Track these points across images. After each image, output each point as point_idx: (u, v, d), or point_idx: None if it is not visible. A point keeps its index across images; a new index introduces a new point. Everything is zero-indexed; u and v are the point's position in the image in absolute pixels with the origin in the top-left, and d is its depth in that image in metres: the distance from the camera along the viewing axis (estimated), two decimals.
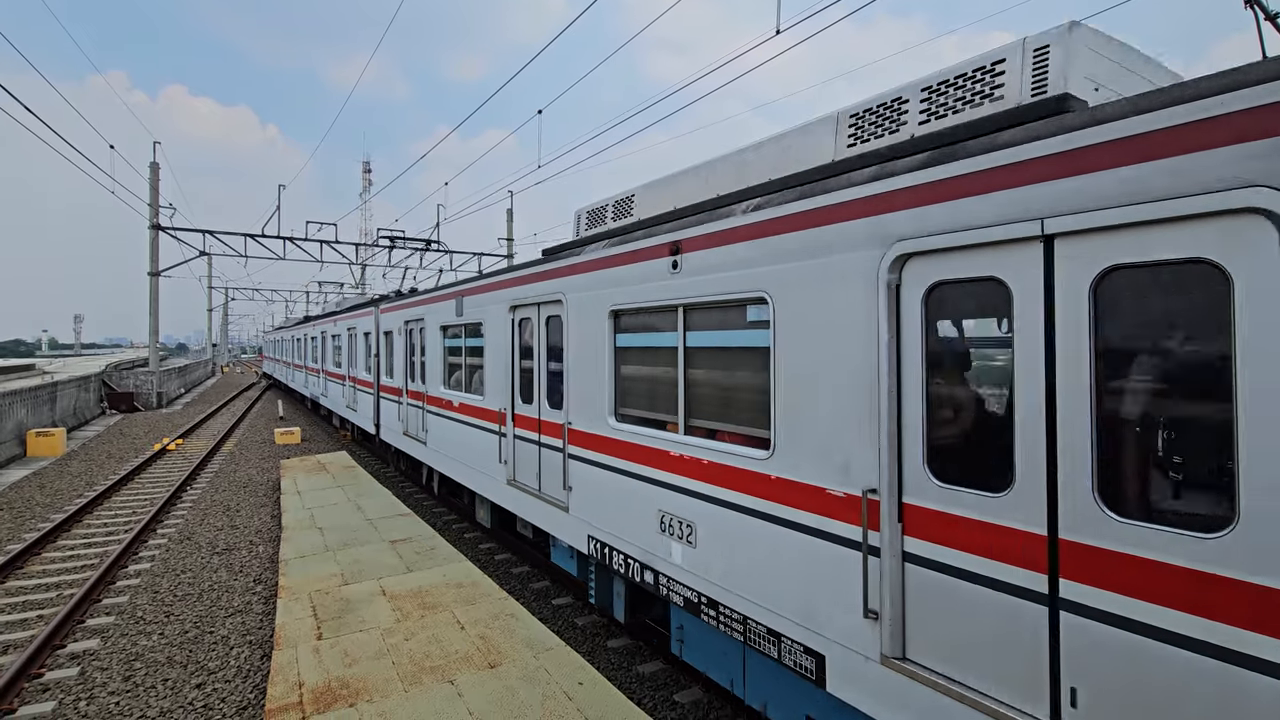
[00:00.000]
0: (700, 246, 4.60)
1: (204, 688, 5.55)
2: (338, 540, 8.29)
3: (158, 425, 22.77)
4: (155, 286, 28.01)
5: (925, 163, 3.22)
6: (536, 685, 4.69)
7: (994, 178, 2.90)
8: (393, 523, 9.10)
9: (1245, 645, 2.19)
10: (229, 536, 9.80)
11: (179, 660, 6.01)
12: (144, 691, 5.50)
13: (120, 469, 14.78)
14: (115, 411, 26.97)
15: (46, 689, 5.53)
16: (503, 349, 7.69)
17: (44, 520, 10.58)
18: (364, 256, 33.97)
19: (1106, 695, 2.52)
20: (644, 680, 5.81)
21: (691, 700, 5.47)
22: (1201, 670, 2.28)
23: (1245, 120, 2.20)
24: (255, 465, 15.51)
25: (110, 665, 5.92)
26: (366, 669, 4.95)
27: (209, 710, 5.22)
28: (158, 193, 28.01)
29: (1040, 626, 2.71)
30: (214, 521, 10.63)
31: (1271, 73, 2.17)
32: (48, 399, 20.43)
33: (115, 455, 16.78)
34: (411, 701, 4.49)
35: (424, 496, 12.75)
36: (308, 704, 4.47)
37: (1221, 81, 2.29)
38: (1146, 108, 2.45)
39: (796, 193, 3.92)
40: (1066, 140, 2.65)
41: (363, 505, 10.11)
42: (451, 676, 4.82)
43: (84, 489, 12.83)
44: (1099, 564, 2.55)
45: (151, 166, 28.46)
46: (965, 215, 2.99)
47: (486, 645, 5.32)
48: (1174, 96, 2.39)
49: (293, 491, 11.17)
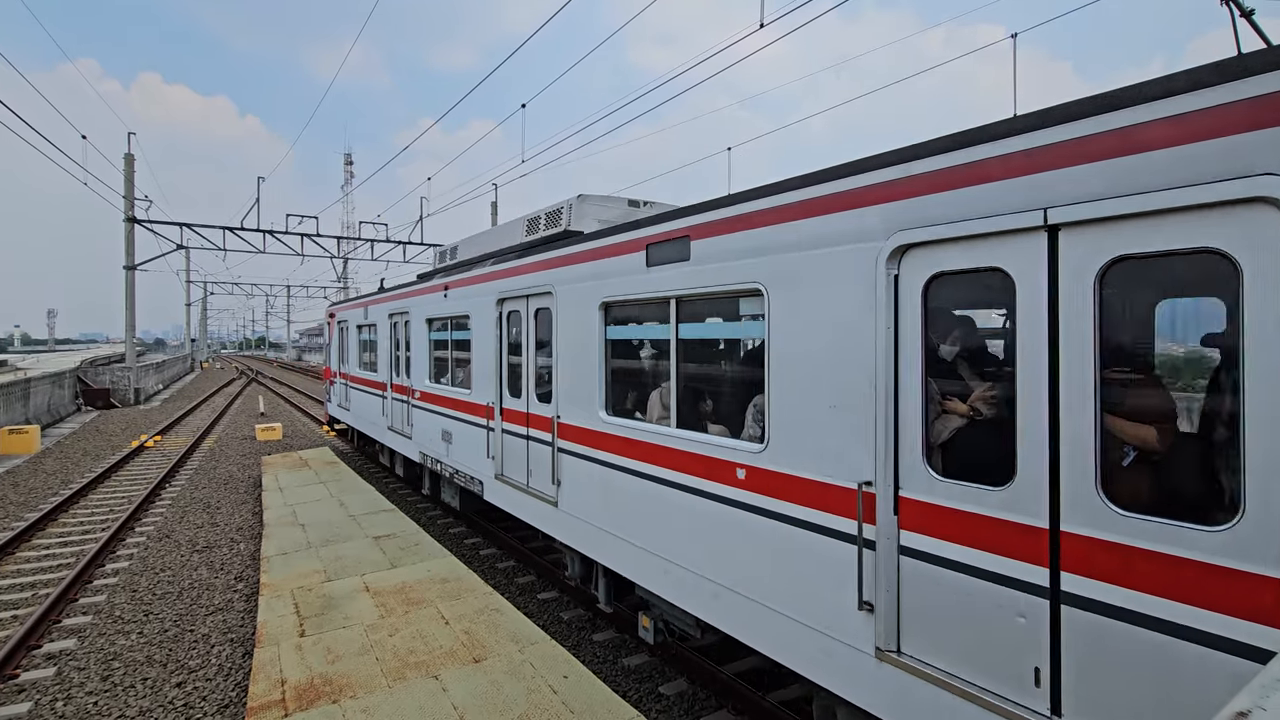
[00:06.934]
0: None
1: (184, 686, 5.49)
2: (320, 536, 8.22)
3: (135, 422, 22.38)
4: (131, 281, 27.46)
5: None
6: (521, 679, 4.69)
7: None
8: (376, 518, 9.04)
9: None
10: (209, 534, 9.68)
11: (158, 659, 5.94)
12: (123, 691, 5.42)
13: (97, 466, 14.52)
14: (91, 408, 26.45)
15: (22, 689, 5.44)
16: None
17: (18, 519, 10.37)
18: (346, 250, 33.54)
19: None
20: (629, 673, 5.84)
21: (676, 692, 5.51)
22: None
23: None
24: (236, 462, 15.31)
25: (88, 665, 5.83)
26: (350, 665, 4.92)
27: (190, 709, 5.17)
28: (133, 185, 27.42)
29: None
30: (194, 519, 10.48)
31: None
32: (20, 396, 20.00)
33: (91, 453, 16.48)
34: (395, 697, 4.47)
35: (408, 492, 12.68)
36: (290, 701, 4.44)
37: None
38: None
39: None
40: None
41: (346, 501, 10.03)
42: (436, 672, 4.81)
43: (59, 487, 12.59)
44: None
45: (126, 158, 27.84)
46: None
47: (471, 640, 5.31)
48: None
49: (274, 488, 11.06)
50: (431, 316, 9.73)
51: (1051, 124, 2.68)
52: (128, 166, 27.79)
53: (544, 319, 6.61)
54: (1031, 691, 2.72)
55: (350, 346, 14.86)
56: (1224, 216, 2.23)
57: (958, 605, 3.00)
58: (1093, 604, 2.56)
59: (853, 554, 3.41)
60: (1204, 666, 2.28)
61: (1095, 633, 2.55)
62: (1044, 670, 2.69)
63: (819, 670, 3.64)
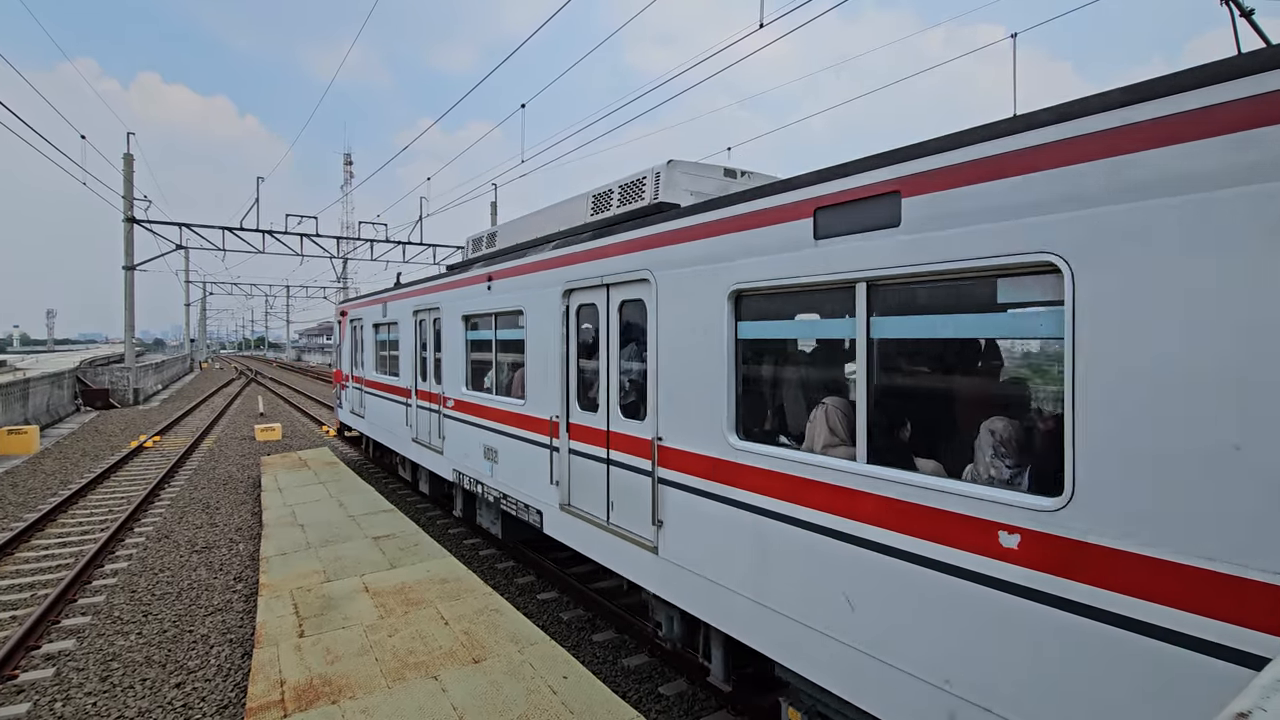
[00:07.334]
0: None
1: (183, 687, 5.48)
2: (320, 537, 8.21)
3: (134, 422, 22.37)
4: (130, 281, 27.45)
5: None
6: (521, 680, 4.69)
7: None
8: (375, 519, 9.03)
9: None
10: (208, 534, 9.67)
11: (157, 660, 5.93)
12: (122, 692, 5.42)
13: (96, 467, 14.51)
14: (90, 409, 26.44)
15: (21, 690, 5.44)
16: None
17: (16, 519, 10.36)
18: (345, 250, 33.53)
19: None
20: (629, 673, 5.84)
21: (676, 692, 5.51)
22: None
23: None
24: (235, 462, 15.30)
25: (87, 666, 5.82)
26: (349, 666, 4.92)
27: (189, 709, 5.16)
28: (132, 185, 27.41)
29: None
30: (193, 519, 10.48)
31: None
32: (19, 396, 19.99)
33: (90, 453, 16.46)
34: (395, 698, 4.47)
35: (407, 492, 12.67)
36: (289, 702, 4.44)
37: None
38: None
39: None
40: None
41: (345, 501, 10.02)
42: (435, 672, 4.81)
43: (58, 487, 12.58)
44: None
45: (125, 158, 27.83)
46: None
47: (471, 641, 5.31)
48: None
49: (274, 488, 11.05)
50: (470, 313, 8.43)
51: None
52: (127, 166, 27.77)
53: (633, 313, 5.39)
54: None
55: (366, 347, 13.42)
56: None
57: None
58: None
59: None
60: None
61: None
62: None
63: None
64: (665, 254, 4.87)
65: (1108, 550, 2.50)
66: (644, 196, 5.82)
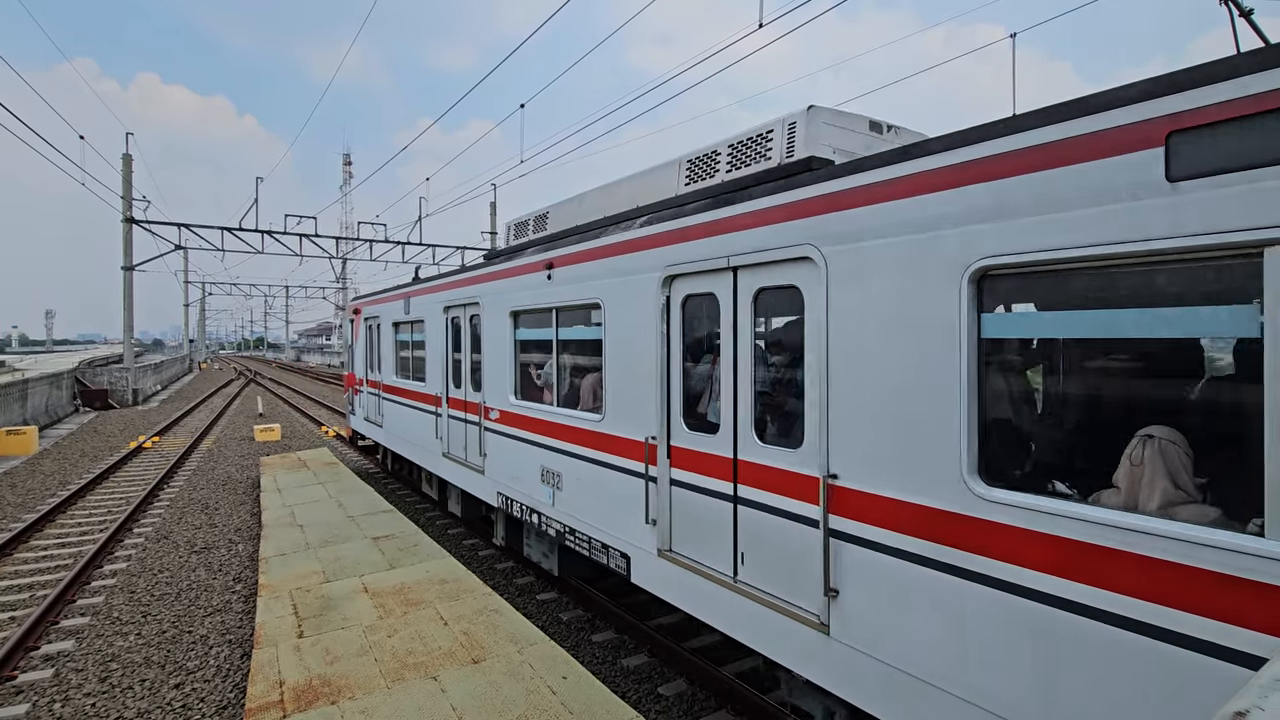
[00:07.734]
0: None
1: (182, 688, 5.48)
2: (319, 537, 8.20)
3: (133, 423, 22.36)
4: (129, 281, 27.44)
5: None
6: (520, 680, 4.69)
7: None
8: (375, 519, 9.03)
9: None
10: (207, 535, 9.67)
11: (156, 660, 5.93)
12: (121, 692, 5.41)
13: (95, 467, 14.50)
14: (89, 409, 26.43)
15: (20, 691, 5.43)
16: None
17: (15, 520, 10.36)
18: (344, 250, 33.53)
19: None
20: (629, 674, 5.84)
21: (676, 693, 5.51)
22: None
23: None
24: (234, 462, 15.29)
25: (86, 666, 5.82)
26: (348, 666, 4.92)
27: (188, 710, 5.16)
28: (131, 185, 27.41)
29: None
30: (192, 520, 10.47)
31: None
32: (18, 397, 19.97)
33: (89, 453, 16.46)
34: (394, 698, 4.47)
35: (407, 493, 12.67)
36: (289, 702, 4.43)
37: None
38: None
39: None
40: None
41: (344, 502, 10.01)
42: (435, 673, 4.81)
43: (57, 488, 12.57)
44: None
45: (124, 158, 27.83)
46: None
47: (470, 641, 5.30)
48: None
49: (273, 489, 11.04)
50: (522, 308, 7.12)
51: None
52: (125, 167, 27.76)
53: (777, 304, 4.34)
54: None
55: (384, 349, 12.16)
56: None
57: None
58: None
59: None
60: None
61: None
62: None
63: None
64: (842, 221, 3.62)
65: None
66: (771, 155, 4.71)
